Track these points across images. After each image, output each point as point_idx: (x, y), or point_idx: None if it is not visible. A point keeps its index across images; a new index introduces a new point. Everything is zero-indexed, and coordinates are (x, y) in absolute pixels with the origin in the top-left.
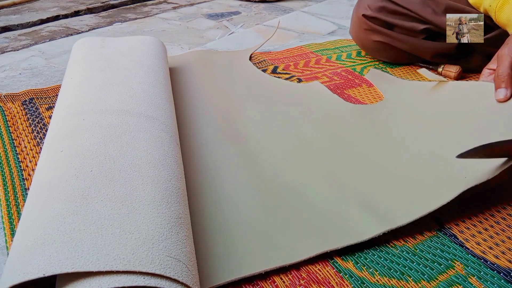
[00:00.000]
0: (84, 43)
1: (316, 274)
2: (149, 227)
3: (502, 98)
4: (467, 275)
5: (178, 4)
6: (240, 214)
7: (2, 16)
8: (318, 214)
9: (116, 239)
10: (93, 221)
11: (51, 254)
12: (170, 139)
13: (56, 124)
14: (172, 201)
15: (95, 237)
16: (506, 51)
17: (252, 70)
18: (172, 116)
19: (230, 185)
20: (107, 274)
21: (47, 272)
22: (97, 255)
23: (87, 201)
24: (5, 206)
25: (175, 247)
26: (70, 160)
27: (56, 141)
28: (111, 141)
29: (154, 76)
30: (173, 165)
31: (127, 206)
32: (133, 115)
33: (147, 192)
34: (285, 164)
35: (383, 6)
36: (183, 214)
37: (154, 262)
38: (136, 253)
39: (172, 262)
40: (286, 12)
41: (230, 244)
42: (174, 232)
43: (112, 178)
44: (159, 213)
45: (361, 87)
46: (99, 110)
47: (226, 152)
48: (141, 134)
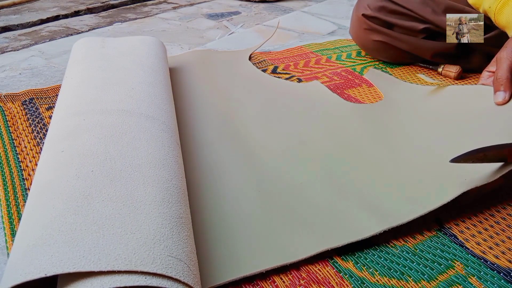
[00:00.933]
0: (84, 43)
1: (316, 274)
2: (151, 227)
3: (501, 101)
4: (467, 275)
5: (178, 4)
6: (240, 214)
7: (2, 16)
8: (319, 213)
9: (118, 239)
10: (94, 221)
11: (52, 254)
12: (170, 139)
13: (57, 124)
14: (173, 201)
15: (97, 237)
16: (505, 54)
17: (251, 70)
18: (173, 116)
19: (230, 185)
20: (108, 274)
21: (48, 272)
22: (98, 255)
23: (88, 201)
24: (5, 206)
25: (176, 247)
26: (71, 160)
27: (57, 141)
28: (112, 141)
29: (154, 76)
30: (174, 165)
31: (128, 206)
32: (134, 115)
33: (148, 192)
34: (285, 163)
35: (383, 5)
36: (184, 214)
37: (156, 262)
38: (138, 253)
39: (174, 262)
40: (286, 12)
41: (231, 243)
42: (176, 232)
43: (113, 178)
44: (160, 213)
45: (361, 87)
46: (99, 110)
47: (226, 152)
48: (141, 134)
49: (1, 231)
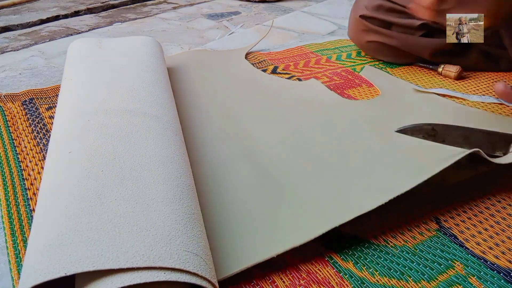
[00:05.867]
0: (79, 43)
1: (316, 274)
2: (165, 223)
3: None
4: (467, 275)
5: (178, 4)
6: (243, 207)
7: (2, 16)
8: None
9: (134, 236)
10: (109, 220)
11: (70, 253)
12: (175, 137)
13: (61, 125)
14: (184, 197)
15: (113, 235)
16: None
17: (248, 68)
18: (175, 115)
19: (233, 181)
20: (128, 271)
21: (69, 271)
22: (116, 253)
23: (101, 201)
24: (5, 206)
25: (191, 242)
26: (79, 161)
27: (63, 143)
28: (119, 140)
29: (154, 75)
30: (182, 163)
31: (141, 204)
32: (138, 114)
33: (159, 189)
34: (285, 159)
35: (380, 4)
36: (195, 210)
37: (173, 257)
38: (155, 249)
39: (191, 256)
40: (286, 12)
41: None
42: (189, 227)
43: (124, 178)
44: (172, 209)
45: (361, 87)
46: (103, 111)
47: (227, 150)
48: (147, 133)
49: (1, 231)
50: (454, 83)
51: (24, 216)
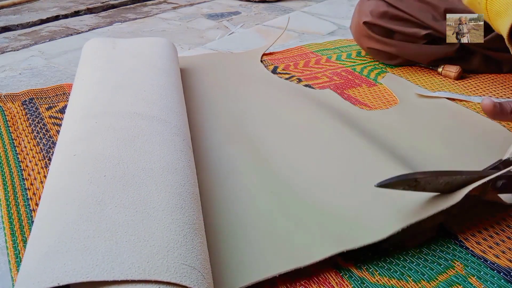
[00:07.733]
0: (94, 43)
1: (316, 274)
2: (164, 234)
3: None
4: (467, 275)
5: (178, 4)
6: (252, 217)
7: (2, 16)
8: (334, 216)
9: (131, 247)
10: (107, 228)
11: (65, 262)
12: (182, 143)
13: (69, 126)
14: (186, 206)
15: (110, 244)
16: None
17: (263, 72)
18: (184, 119)
19: (243, 189)
20: (122, 284)
21: (62, 281)
22: (112, 264)
23: (101, 208)
24: (5, 206)
25: (190, 255)
26: (83, 164)
27: (69, 144)
28: (124, 144)
29: (166, 78)
30: (186, 170)
31: (141, 212)
32: (146, 118)
33: (161, 197)
34: (298, 167)
35: (386, 11)
36: (197, 220)
37: (170, 270)
38: (151, 261)
39: (188, 270)
40: (286, 12)
41: (244, 248)
42: (189, 239)
43: (126, 183)
44: (173, 219)
45: (361, 87)
46: (111, 113)
47: (239, 156)
48: (153, 137)
49: (1, 231)
50: (454, 83)
51: (24, 216)
